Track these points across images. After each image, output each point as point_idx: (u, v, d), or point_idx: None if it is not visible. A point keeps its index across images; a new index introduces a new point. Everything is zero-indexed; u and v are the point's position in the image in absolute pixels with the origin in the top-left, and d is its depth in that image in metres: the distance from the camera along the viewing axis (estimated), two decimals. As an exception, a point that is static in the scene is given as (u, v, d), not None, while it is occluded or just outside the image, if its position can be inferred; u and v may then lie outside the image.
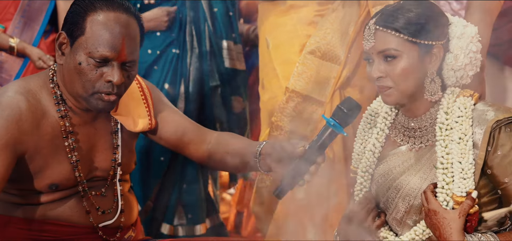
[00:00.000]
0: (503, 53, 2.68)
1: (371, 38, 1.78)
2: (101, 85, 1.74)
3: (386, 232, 1.86)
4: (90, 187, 1.87)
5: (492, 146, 1.71)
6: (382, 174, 1.87)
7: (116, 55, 1.73)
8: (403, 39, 1.75)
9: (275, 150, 1.74)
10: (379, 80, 1.79)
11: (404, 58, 1.76)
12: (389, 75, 1.78)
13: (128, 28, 1.74)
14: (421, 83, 1.79)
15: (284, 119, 2.54)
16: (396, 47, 1.75)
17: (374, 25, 1.78)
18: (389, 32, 1.76)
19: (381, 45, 1.77)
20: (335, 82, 2.53)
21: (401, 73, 1.76)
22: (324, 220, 2.57)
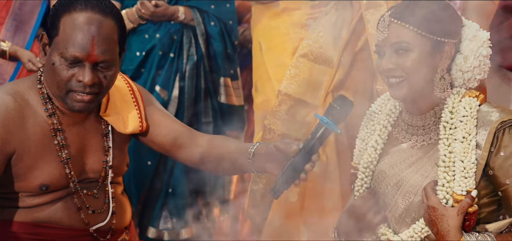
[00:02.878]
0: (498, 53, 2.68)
1: (385, 30, 1.79)
2: (73, 84, 1.75)
3: (385, 229, 1.86)
4: (84, 188, 1.87)
5: (495, 147, 1.72)
6: (383, 171, 1.87)
7: (86, 55, 1.72)
8: (417, 32, 1.76)
9: (269, 150, 1.74)
10: (390, 71, 1.79)
11: (416, 51, 1.77)
12: (400, 66, 1.78)
13: (100, 28, 1.73)
14: (430, 79, 1.80)
15: (276, 122, 2.54)
16: (409, 40, 1.76)
17: (389, 17, 1.79)
18: (404, 25, 1.77)
19: (395, 37, 1.78)
20: (327, 85, 2.53)
21: (412, 65, 1.77)
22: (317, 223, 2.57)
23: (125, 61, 2.99)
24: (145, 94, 2.01)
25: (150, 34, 3.00)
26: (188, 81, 2.99)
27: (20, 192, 1.80)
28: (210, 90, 3.06)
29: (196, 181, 3.06)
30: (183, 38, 3.01)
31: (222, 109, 3.11)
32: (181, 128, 1.98)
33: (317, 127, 1.69)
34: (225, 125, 3.12)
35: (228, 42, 3.10)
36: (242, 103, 3.17)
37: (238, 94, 3.15)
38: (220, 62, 3.07)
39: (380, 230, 1.86)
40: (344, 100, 1.72)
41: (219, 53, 3.07)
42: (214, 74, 3.09)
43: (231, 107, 3.13)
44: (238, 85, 3.16)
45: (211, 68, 3.07)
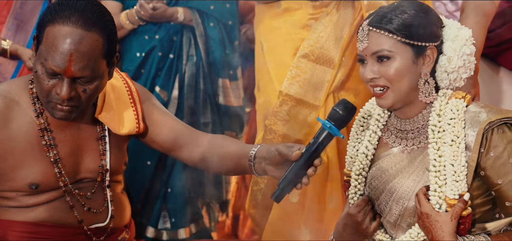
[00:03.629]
0: (498, 55, 2.69)
1: (364, 39, 1.78)
2: (52, 95, 1.74)
3: (382, 235, 1.86)
4: (78, 189, 1.87)
5: (485, 147, 1.71)
6: (375, 177, 1.87)
7: (63, 70, 1.70)
8: (397, 40, 1.75)
9: (271, 153, 1.73)
10: (373, 81, 1.79)
11: (398, 59, 1.76)
12: (382, 76, 1.78)
13: (79, 44, 1.70)
14: (415, 85, 1.79)
15: (277, 122, 2.54)
16: (390, 48, 1.75)
17: (368, 26, 1.78)
18: (383, 33, 1.76)
19: (375, 46, 1.77)
20: (329, 85, 2.53)
21: (395, 74, 1.76)
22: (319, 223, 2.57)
23: (125, 62, 2.99)
24: (144, 94, 1.99)
25: (150, 35, 3.00)
26: (188, 82, 2.99)
27: (14, 191, 1.80)
28: (209, 91, 3.06)
29: (195, 181, 3.06)
30: (183, 39, 3.01)
31: (221, 110, 3.11)
32: (182, 127, 1.97)
33: (319, 132, 1.68)
34: (223, 126, 3.12)
35: (227, 43, 3.10)
36: (241, 104, 3.17)
37: (236, 95, 3.15)
38: (219, 63, 3.07)
39: (377, 236, 1.85)
40: (347, 105, 1.71)
41: (218, 54, 3.07)
42: (213, 75, 3.09)
43: (230, 108, 3.13)
44: (237, 86, 3.16)
45: (210, 69, 3.07)
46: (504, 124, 1.72)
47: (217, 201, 3.14)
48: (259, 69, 2.69)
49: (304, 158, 1.67)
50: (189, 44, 3.01)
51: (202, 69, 3.04)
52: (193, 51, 3.00)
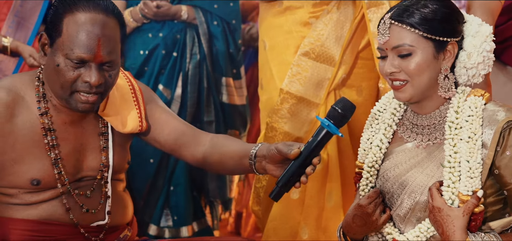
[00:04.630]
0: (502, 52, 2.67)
1: (386, 33, 1.77)
2: (79, 85, 1.75)
3: (391, 228, 1.85)
4: (80, 187, 1.87)
5: (501, 146, 1.71)
6: (388, 170, 1.86)
7: (93, 56, 1.73)
8: (418, 34, 1.74)
9: (270, 152, 1.73)
10: (393, 75, 1.78)
11: (419, 54, 1.75)
12: (403, 70, 1.77)
13: (104, 29, 1.74)
14: (435, 80, 1.78)
15: (279, 120, 2.54)
16: (411, 43, 1.75)
17: (389, 19, 1.78)
18: (404, 27, 1.75)
19: (396, 41, 1.76)
20: (329, 83, 2.52)
21: (415, 69, 1.75)
22: (318, 221, 2.57)
23: (128, 59, 3.00)
24: (147, 92, 2.01)
25: (154, 33, 3.00)
26: (191, 80, 2.99)
27: (16, 188, 1.81)
28: (212, 89, 3.06)
29: (198, 179, 3.07)
30: (187, 37, 3.02)
31: (224, 108, 3.11)
32: (184, 127, 1.98)
33: (318, 130, 1.68)
34: (227, 124, 3.13)
35: (231, 41, 3.10)
36: (244, 103, 3.18)
37: (240, 94, 3.16)
38: (222, 62, 3.08)
39: (385, 229, 1.85)
40: (346, 103, 1.71)
41: (222, 53, 3.07)
42: (217, 73, 3.09)
43: (233, 107, 3.13)
44: (240, 84, 3.16)
45: (213, 67, 3.07)
46: None
47: (220, 199, 3.14)
48: (262, 67, 2.69)
49: (303, 156, 1.67)
50: (192, 42, 3.01)
51: (206, 67, 3.04)
52: (197, 49, 3.01)
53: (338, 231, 1.94)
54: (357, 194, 1.92)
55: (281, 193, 1.69)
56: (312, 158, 1.68)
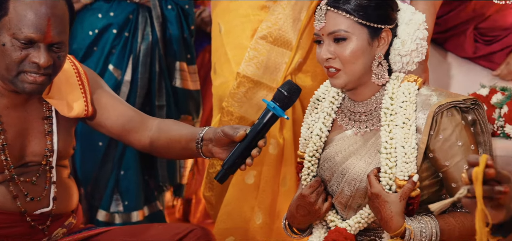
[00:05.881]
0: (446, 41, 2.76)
1: (322, 19, 1.80)
2: (26, 66, 1.69)
3: (333, 215, 1.89)
4: (23, 173, 1.81)
5: (434, 130, 1.75)
6: (328, 158, 1.89)
7: (42, 36, 1.68)
8: (353, 21, 1.78)
9: (217, 135, 1.74)
10: (328, 61, 1.81)
11: (354, 40, 1.79)
12: (338, 56, 1.80)
13: (54, 8, 1.69)
14: (369, 67, 1.82)
15: (234, 104, 2.53)
16: (346, 29, 1.78)
17: (326, 6, 1.81)
18: (340, 13, 1.78)
19: (332, 26, 1.79)
20: (286, 67, 2.53)
21: (350, 55, 1.79)
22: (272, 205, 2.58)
23: (76, 40, 2.91)
24: (93, 77, 1.96)
25: (103, 13, 2.93)
26: (142, 62, 2.94)
27: None
28: (165, 73, 3.02)
29: (149, 163, 3.03)
30: (139, 17, 2.96)
31: (177, 93, 3.08)
32: (131, 112, 1.95)
33: (264, 112, 1.70)
34: (180, 109, 3.10)
35: (185, 26, 3.07)
36: (198, 88, 3.15)
37: (194, 79, 3.13)
38: (176, 46, 3.04)
39: (328, 217, 1.88)
40: (292, 86, 1.73)
41: (175, 37, 3.03)
42: (170, 58, 3.05)
43: (187, 91, 3.10)
44: (194, 69, 3.14)
45: (166, 51, 3.03)
46: (453, 107, 1.76)
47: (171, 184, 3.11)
48: (216, 51, 2.66)
49: (248, 138, 1.69)
50: (145, 23, 2.95)
51: (158, 51, 2.99)
52: (149, 30, 2.95)
53: (283, 222, 1.97)
54: (299, 184, 1.95)
55: (227, 175, 1.71)
56: (258, 140, 1.69)
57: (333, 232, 1.85)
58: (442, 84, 2.75)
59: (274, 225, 2.58)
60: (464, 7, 2.66)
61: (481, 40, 2.74)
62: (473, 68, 2.78)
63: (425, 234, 1.72)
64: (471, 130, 1.78)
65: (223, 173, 1.70)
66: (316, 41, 1.84)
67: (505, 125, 2.32)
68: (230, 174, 1.71)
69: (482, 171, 1.22)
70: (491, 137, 1.84)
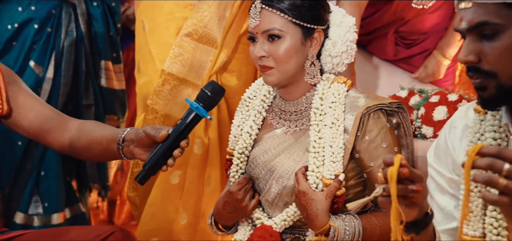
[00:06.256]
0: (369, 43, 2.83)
1: (256, 17, 1.81)
2: None
3: (260, 213, 1.90)
4: None
5: (361, 131, 1.80)
6: (257, 156, 1.90)
7: None
8: (287, 20, 1.80)
9: (138, 136, 1.70)
10: (262, 60, 1.83)
11: (288, 39, 1.81)
12: (272, 55, 1.82)
13: None
14: (302, 66, 1.85)
15: (159, 102, 2.49)
16: (281, 27, 1.80)
17: (260, 4, 1.82)
18: (274, 12, 1.80)
19: (266, 25, 1.81)
20: (211, 66, 2.52)
21: (284, 54, 1.81)
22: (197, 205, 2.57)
23: (-7, 34, 2.79)
24: (9, 75, 1.88)
25: (24, 6, 2.82)
26: (66, 59, 2.85)
27: None
28: (91, 72, 2.95)
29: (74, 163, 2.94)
30: (62, 13, 2.86)
31: (103, 93, 3.01)
32: (50, 112, 1.89)
33: (187, 113, 1.69)
34: (105, 109, 3.03)
35: (111, 24, 3.00)
36: (123, 88, 3.09)
37: (119, 78, 3.06)
38: (102, 45, 2.96)
39: (255, 214, 1.90)
40: (215, 87, 1.72)
41: (101, 35, 2.95)
42: (95, 56, 2.97)
43: (112, 91, 3.04)
44: (120, 69, 3.07)
45: (92, 50, 2.95)
46: (379, 110, 1.82)
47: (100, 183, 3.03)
48: (140, 49, 2.61)
49: (170, 139, 1.67)
50: (69, 19, 2.86)
51: (84, 49, 2.91)
52: (73, 26, 2.86)
53: (209, 219, 1.96)
54: (227, 180, 1.95)
55: (148, 176, 1.69)
56: (181, 141, 1.68)
57: (259, 229, 1.86)
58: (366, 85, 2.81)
59: (198, 225, 2.56)
60: (386, 10, 2.74)
61: (401, 43, 2.82)
62: (395, 70, 2.86)
63: (348, 232, 1.76)
64: (395, 133, 1.84)
65: (144, 174, 1.68)
66: (250, 38, 1.85)
67: (422, 126, 2.40)
68: (151, 175, 1.69)
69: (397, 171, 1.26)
70: (413, 139, 1.91)
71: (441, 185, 1.61)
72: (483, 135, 1.52)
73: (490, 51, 1.36)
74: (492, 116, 1.51)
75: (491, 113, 1.51)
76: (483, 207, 1.48)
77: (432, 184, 1.64)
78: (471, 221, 1.49)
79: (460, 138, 1.58)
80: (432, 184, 1.64)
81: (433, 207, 1.60)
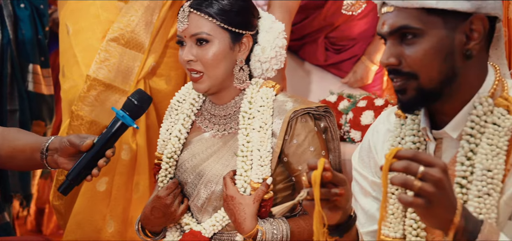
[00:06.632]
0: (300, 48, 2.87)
1: (184, 21, 1.81)
2: None
3: (189, 218, 1.89)
4: None
5: (289, 135, 1.81)
6: (186, 160, 1.89)
7: None
8: (215, 24, 1.80)
9: (63, 144, 1.66)
10: (190, 64, 1.82)
11: (216, 44, 1.81)
12: (200, 59, 1.81)
13: None
14: (231, 71, 1.85)
15: (84, 108, 2.43)
16: (209, 32, 1.80)
17: (188, 8, 1.81)
18: (203, 16, 1.80)
19: (194, 28, 1.80)
20: (139, 71, 2.48)
21: (212, 58, 1.80)
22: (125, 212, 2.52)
23: None
24: None
25: None
26: None
27: None
28: (17, 76, 2.85)
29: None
30: (-13, 15, 2.76)
31: (30, 97, 2.91)
32: None
33: (113, 121, 1.66)
34: (32, 114, 2.93)
35: (39, 27, 2.92)
36: (52, 92, 3.01)
37: (48, 83, 2.99)
38: (29, 48, 2.88)
39: (183, 220, 1.88)
40: (142, 95, 1.71)
41: (29, 39, 2.87)
42: (23, 60, 2.88)
43: (40, 96, 2.95)
44: (48, 73, 3.00)
45: (19, 53, 2.85)
46: (307, 114, 1.84)
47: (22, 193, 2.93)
48: (64, 53, 2.54)
49: (95, 148, 1.63)
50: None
51: (10, 52, 2.81)
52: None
53: (136, 225, 1.94)
54: (156, 185, 1.93)
55: (71, 186, 1.65)
56: (106, 150, 1.64)
57: (188, 235, 1.85)
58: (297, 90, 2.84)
59: (126, 233, 2.51)
60: (316, 16, 2.78)
61: (331, 49, 2.87)
62: (325, 75, 2.91)
63: (276, 236, 1.76)
64: (323, 137, 1.86)
65: (67, 184, 1.64)
66: (178, 42, 1.84)
67: (350, 130, 2.45)
68: (75, 185, 1.65)
69: (320, 175, 1.27)
70: (340, 143, 1.94)
71: (365, 188, 1.64)
72: (404, 139, 1.55)
73: (410, 54, 1.39)
74: (412, 120, 1.55)
75: (411, 117, 1.55)
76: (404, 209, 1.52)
77: (356, 187, 1.67)
78: (392, 222, 1.52)
79: (382, 141, 1.61)
80: (356, 187, 1.67)
81: (357, 209, 1.62)
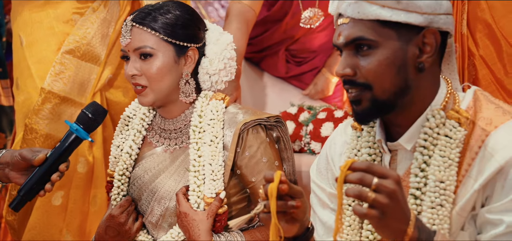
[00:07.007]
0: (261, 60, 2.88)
1: (127, 35, 1.79)
2: None
3: (144, 235, 1.86)
4: None
5: (241, 147, 1.81)
6: (138, 177, 1.86)
7: None
8: (159, 38, 1.78)
9: (14, 158, 1.63)
10: (134, 78, 1.80)
11: (160, 57, 1.79)
12: (144, 74, 1.79)
13: None
14: (176, 84, 1.83)
15: (39, 121, 2.38)
16: (152, 46, 1.78)
17: (131, 22, 1.79)
18: (146, 30, 1.78)
19: (137, 43, 1.78)
20: (95, 83, 2.45)
21: (156, 72, 1.79)
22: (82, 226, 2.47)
23: None
24: None
25: None
26: None
27: None
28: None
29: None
30: None
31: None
32: None
33: (66, 135, 1.64)
34: None
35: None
36: (11, 104, 2.94)
37: (7, 94, 2.93)
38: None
39: (139, 237, 1.86)
40: (97, 108, 1.68)
41: (-15, 50, 2.80)
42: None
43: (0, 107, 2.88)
44: (7, 84, 2.94)
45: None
46: (258, 125, 1.83)
47: None
48: (18, 65, 2.48)
49: (48, 163, 1.61)
50: None
51: None
52: None
53: None
54: (109, 204, 1.90)
55: (23, 202, 1.61)
56: (60, 164, 1.61)
57: (144, 252, 1.82)
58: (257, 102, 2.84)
59: (84, 247, 2.46)
60: (276, 29, 2.79)
61: (292, 61, 2.89)
62: (286, 87, 2.92)
63: (232, 250, 1.75)
64: (276, 147, 1.86)
65: (19, 200, 1.60)
66: (123, 57, 1.81)
67: (311, 141, 2.46)
68: (27, 201, 1.61)
69: (276, 187, 1.27)
70: (293, 153, 1.94)
71: (323, 200, 1.64)
72: (360, 151, 1.56)
73: (365, 65, 1.41)
74: (367, 132, 1.56)
75: (367, 129, 1.56)
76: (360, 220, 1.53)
77: (315, 199, 1.67)
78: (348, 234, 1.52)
79: (339, 153, 1.63)
80: (314, 199, 1.67)
81: (315, 221, 1.63)
